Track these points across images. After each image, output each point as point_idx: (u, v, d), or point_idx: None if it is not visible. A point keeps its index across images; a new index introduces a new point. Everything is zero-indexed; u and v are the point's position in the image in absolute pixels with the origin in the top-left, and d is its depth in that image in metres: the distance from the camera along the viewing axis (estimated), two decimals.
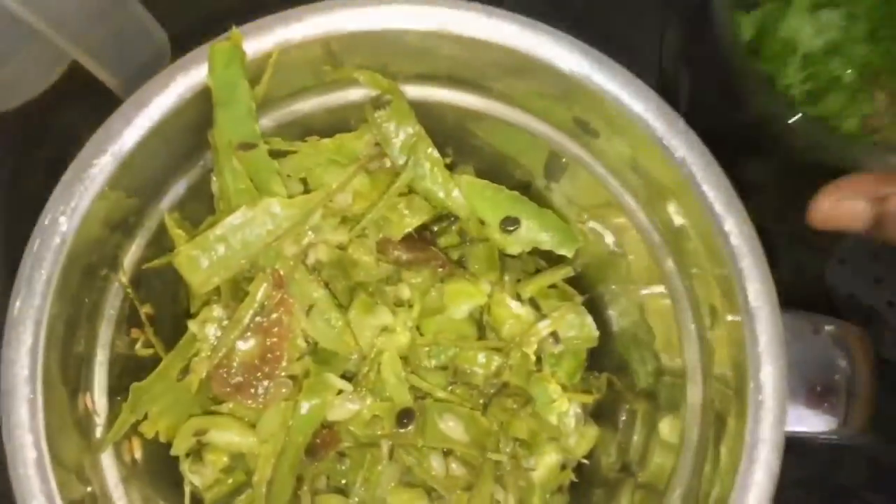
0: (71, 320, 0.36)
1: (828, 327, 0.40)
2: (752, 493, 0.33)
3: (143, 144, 0.35)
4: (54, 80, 0.66)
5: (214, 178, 0.39)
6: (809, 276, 0.63)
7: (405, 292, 0.44)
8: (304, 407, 0.40)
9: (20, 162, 0.65)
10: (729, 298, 0.36)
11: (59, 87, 0.67)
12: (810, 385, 0.38)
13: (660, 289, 0.43)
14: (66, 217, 0.33)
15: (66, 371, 0.36)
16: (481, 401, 0.45)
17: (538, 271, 0.49)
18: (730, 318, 0.36)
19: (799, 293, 0.57)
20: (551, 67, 0.36)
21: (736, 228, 0.35)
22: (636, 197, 0.42)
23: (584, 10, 0.59)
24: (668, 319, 0.42)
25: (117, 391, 0.40)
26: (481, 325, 0.46)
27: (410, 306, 0.43)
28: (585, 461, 0.47)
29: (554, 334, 0.46)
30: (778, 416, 0.33)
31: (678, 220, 0.39)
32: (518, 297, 0.47)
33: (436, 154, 0.42)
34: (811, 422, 0.37)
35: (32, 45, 0.58)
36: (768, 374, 0.33)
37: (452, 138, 0.45)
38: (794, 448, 0.63)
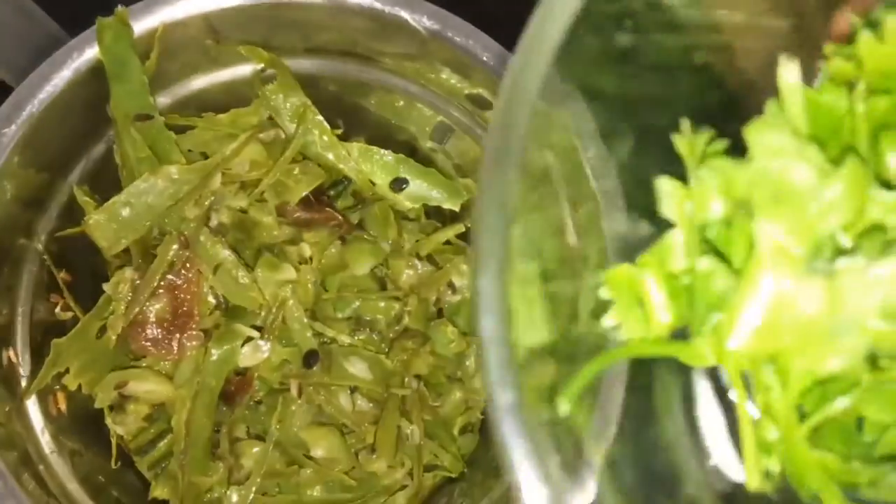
0: None
1: None
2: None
3: (47, 114, 0.39)
4: None
5: (117, 149, 0.43)
6: None
7: (306, 251, 0.48)
8: (214, 353, 0.44)
9: None
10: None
11: None
12: None
13: None
14: None
15: None
16: (384, 346, 0.49)
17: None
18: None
19: None
20: (406, 26, 0.41)
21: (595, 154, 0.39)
22: None
23: None
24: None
25: (40, 354, 0.43)
26: (381, 278, 0.50)
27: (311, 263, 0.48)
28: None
29: (450, 284, 0.51)
30: None
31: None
32: (417, 255, 0.52)
33: (322, 121, 0.47)
34: None
35: None
36: None
37: (344, 111, 0.50)
38: None
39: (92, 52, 0.40)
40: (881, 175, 0.23)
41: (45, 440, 0.41)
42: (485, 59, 0.41)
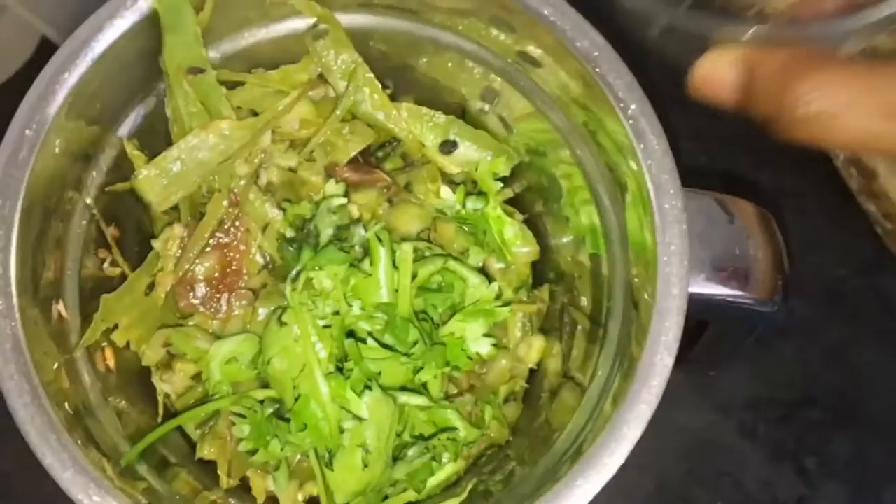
0: (42, 235, 0.39)
1: (742, 212, 0.44)
2: (662, 339, 0.36)
3: (100, 65, 0.38)
4: (20, 65, 0.70)
5: (168, 103, 0.43)
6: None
7: (354, 212, 0.47)
8: (262, 313, 0.43)
9: None
10: (639, 181, 0.39)
11: (24, 76, 0.71)
12: (717, 257, 0.41)
13: (589, 198, 0.46)
14: (32, 131, 0.37)
15: (39, 284, 0.39)
16: None
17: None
18: (639, 198, 0.39)
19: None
20: None
21: (638, 110, 0.38)
22: (572, 121, 0.45)
23: None
24: (594, 221, 0.46)
25: (88, 310, 0.43)
26: (429, 241, 0.50)
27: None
28: (535, 367, 0.51)
29: (496, 251, 0.50)
30: (681, 270, 0.36)
31: (603, 132, 0.43)
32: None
33: (374, 80, 0.46)
34: (717, 287, 0.40)
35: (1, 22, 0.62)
36: (672, 234, 0.37)
37: (393, 71, 0.49)
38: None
39: (145, 2, 0.39)
40: None
41: (93, 396, 0.41)
42: (545, 13, 0.40)
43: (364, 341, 0.39)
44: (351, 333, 0.40)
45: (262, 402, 0.41)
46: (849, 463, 0.68)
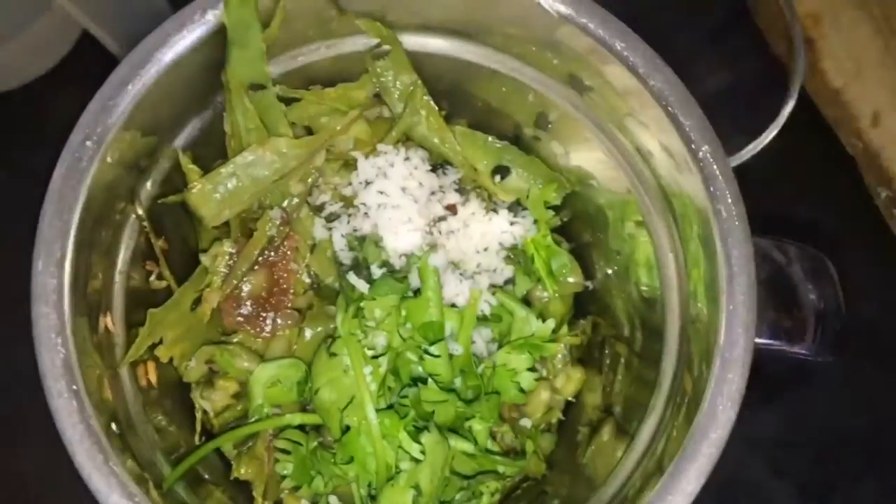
0: (92, 245, 0.39)
1: (799, 257, 0.43)
2: (725, 390, 0.35)
3: (164, 77, 0.37)
4: (62, 56, 0.69)
5: (227, 117, 0.42)
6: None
7: None
8: (308, 334, 0.42)
9: (25, 140, 0.67)
10: (704, 225, 0.38)
11: (64, 68, 0.70)
12: (779, 305, 0.41)
13: (643, 232, 0.45)
14: (91, 142, 0.36)
15: (87, 294, 0.39)
16: None
17: None
18: (703, 242, 0.39)
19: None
20: (537, 6, 0.39)
21: (710, 154, 0.38)
22: (624, 147, 0.45)
23: None
24: (649, 257, 0.45)
25: (133, 323, 0.42)
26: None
27: None
28: (573, 399, 0.50)
29: (541, 280, 0.49)
30: (748, 320, 0.36)
31: (662, 164, 0.42)
32: None
33: (431, 102, 0.45)
34: (779, 339, 0.40)
35: (43, 18, 0.61)
36: (740, 284, 0.36)
37: (448, 93, 0.48)
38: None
39: (212, 17, 0.38)
40: None
41: (134, 411, 0.40)
42: (616, 47, 0.39)
43: (424, 381, 0.38)
44: (415, 381, 0.39)
45: (306, 431, 0.40)
46: None
